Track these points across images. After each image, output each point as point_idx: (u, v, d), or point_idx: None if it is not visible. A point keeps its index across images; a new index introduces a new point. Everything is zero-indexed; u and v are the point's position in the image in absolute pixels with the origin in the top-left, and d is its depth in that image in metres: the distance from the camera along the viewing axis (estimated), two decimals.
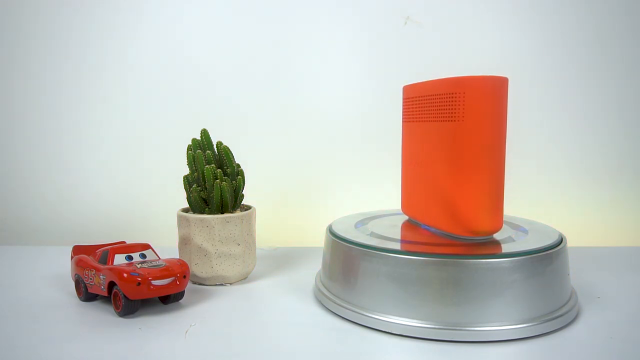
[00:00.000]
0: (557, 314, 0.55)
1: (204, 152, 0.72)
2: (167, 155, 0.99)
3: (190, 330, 0.56)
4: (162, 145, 1.00)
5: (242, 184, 0.74)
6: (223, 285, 0.71)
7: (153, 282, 0.59)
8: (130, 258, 0.63)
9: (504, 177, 0.58)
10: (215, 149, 0.74)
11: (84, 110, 1.00)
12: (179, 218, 0.72)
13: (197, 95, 0.99)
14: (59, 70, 1.00)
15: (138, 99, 1.00)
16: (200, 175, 0.71)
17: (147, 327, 0.57)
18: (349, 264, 0.60)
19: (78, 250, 0.71)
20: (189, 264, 0.70)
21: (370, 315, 0.56)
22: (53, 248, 0.92)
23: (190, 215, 0.70)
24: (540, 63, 0.96)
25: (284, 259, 0.85)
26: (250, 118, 1.00)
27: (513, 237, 0.61)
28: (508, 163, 0.58)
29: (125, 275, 0.58)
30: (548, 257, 0.56)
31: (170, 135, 0.98)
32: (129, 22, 0.98)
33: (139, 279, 0.58)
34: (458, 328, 0.52)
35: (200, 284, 0.72)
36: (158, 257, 0.65)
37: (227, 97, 1.00)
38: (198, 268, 0.70)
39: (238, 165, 0.74)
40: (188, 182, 0.73)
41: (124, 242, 0.73)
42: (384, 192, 0.94)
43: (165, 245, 0.83)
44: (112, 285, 0.60)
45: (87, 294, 0.64)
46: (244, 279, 0.74)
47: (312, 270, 0.75)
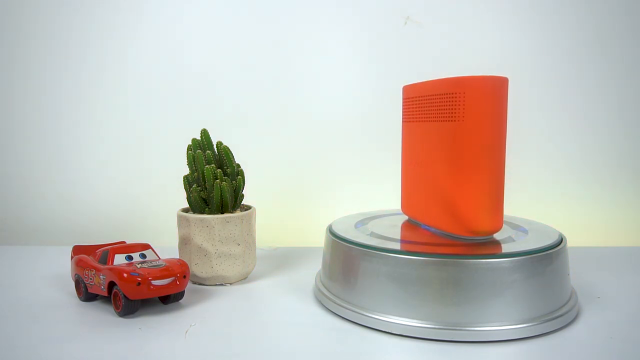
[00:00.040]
0: (557, 314, 0.55)
1: (204, 152, 0.72)
2: (167, 155, 0.99)
3: (190, 330, 0.56)
4: (162, 145, 1.00)
5: (242, 184, 0.74)
6: (223, 285, 0.71)
7: (153, 282, 0.59)
8: (130, 258, 0.63)
9: (504, 177, 0.58)
10: (215, 149, 0.74)
11: (84, 110, 1.00)
12: (179, 218, 0.72)
13: (197, 95, 0.99)
14: (59, 70, 1.00)
15: (138, 99, 1.00)
16: (200, 175, 0.71)
17: (147, 327, 0.57)
18: (349, 264, 0.60)
19: (78, 250, 0.71)
20: (189, 264, 0.70)
21: (370, 315, 0.56)
22: (53, 248, 0.92)
23: (190, 215, 0.70)
24: (540, 63, 0.96)
25: (284, 259, 0.85)
26: (250, 118, 1.00)
27: (513, 237, 0.61)
28: (508, 163, 0.58)
29: (125, 275, 0.58)
30: (548, 257, 0.56)
31: (170, 135, 0.98)
32: (129, 22, 0.98)
33: (139, 279, 0.58)
34: (458, 328, 0.52)
35: (200, 284, 0.72)
36: (158, 257, 0.65)
37: (227, 97, 1.00)
38: (198, 268, 0.70)
39: (238, 165, 0.74)
40: (188, 182, 0.73)
41: (124, 242, 0.73)
42: (384, 192, 0.94)
43: (165, 245, 0.82)
44: (112, 285, 0.60)
45: (87, 294, 0.64)
46: (244, 279, 0.74)
47: (312, 270, 0.75)
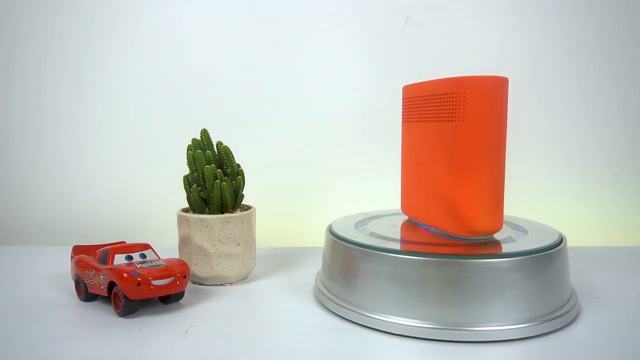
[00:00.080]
0: (557, 314, 0.55)
1: (204, 152, 0.72)
2: (167, 155, 0.99)
3: (190, 330, 0.56)
4: (162, 145, 1.00)
5: (242, 184, 0.73)
6: (223, 285, 0.71)
7: (153, 282, 0.59)
8: (130, 258, 0.63)
9: (504, 177, 0.58)
10: (215, 149, 0.74)
11: (84, 110, 1.00)
12: (179, 218, 0.72)
13: (197, 95, 0.99)
14: (59, 70, 1.00)
15: (138, 99, 1.00)
16: (200, 175, 0.71)
17: (147, 327, 0.57)
18: (349, 264, 0.60)
19: (78, 250, 0.71)
20: (189, 264, 0.70)
21: (370, 315, 0.56)
22: (53, 248, 0.92)
23: (190, 215, 0.70)
24: (540, 63, 0.96)
25: (284, 259, 0.85)
26: (250, 118, 1.00)
27: (513, 237, 0.61)
28: (508, 163, 0.58)
29: (125, 275, 0.58)
30: (548, 257, 0.56)
31: (170, 135, 0.98)
32: (129, 22, 0.98)
33: (139, 279, 0.58)
34: (458, 328, 0.52)
35: (200, 284, 0.72)
36: (158, 257, 0.65)
37: (227, 97, 1.00)
38: (198, 268, 0.70)
39: (238, 165, 0.74)
40: (188, 182, 0.73)
41: (124, 242, 0.73)
42: (384, 192, 0.94)
43: (165, 245, 0.82)
44: (112, 285, 0.60)
45: (87, 294, 0.64)
46: (244, 279, 0.74)
47: (312, 270, 0.75)
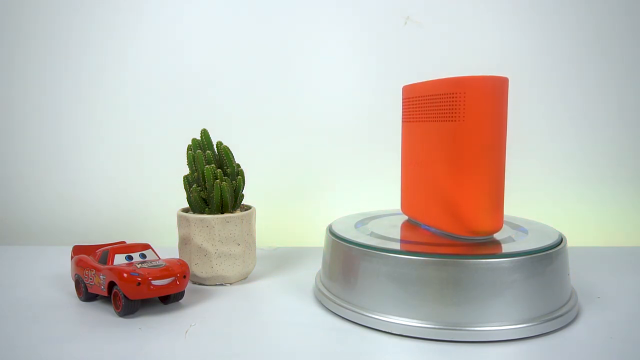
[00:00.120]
0: (557, 314, 0.55)
1: (204, 152, 0.72)
2: (167, 155, 0.99)
3: (190, 330, 0.56)
4: (162, 145, 1.00)
5: (242, 184, 0.73)
6: (223, 285, 0.71)
7: (153, 282, 0.59)
8: (130, 258, 0.63)
9: (504, 177, 0.58)
10: (215, 149, 0.74)
11: (84, 110, 1.00)
12: (179, 218, 0.72)
13: (197, 95, 0.99)
14: (59, 70, 1.00)
15: (138, 99, 1.00)
16: (200, 175, 0.71)
17: (147, 327, 0.57)
18: (349, 264, 0.60)
19: (78, 250, 0.71)
20: (189, 264, 0.70)
21: (370, 315, 0.56)
22: (53, 248, 0.92)
23: (190, 215, 0.70)
24: (540, 63, 0.96)
25: (284, 259, 0.85)
26: (250, 118, 1.00)
27: (513, 237, 0.61)
28: (508, 163, 0.58)
29: (125, 275, 0.58)
30: (548, 257, 0.56)
31: (170, 135, 0.98)
32: (129, 22, 0.98)
33: (139, 279, 0.58)
34: (458, 328, 0.52)
35: (200, 284, 0.72)
36: (158, 257, 0.65)
37: (227, 97, 1.00)
38: (198, 268, 0.70)
39: (238, 165, 0.74)
40: (188, 182, 0.73)
41: (124, 242, 0.73)
42: (384, 192, 0.94)
43: (165, 245, 0.82)
44: (112, 285, 0.60)
45: (87, 294, 0.64)
46: (244, 279, 0.74)
47: (312, 270, 0.75)
